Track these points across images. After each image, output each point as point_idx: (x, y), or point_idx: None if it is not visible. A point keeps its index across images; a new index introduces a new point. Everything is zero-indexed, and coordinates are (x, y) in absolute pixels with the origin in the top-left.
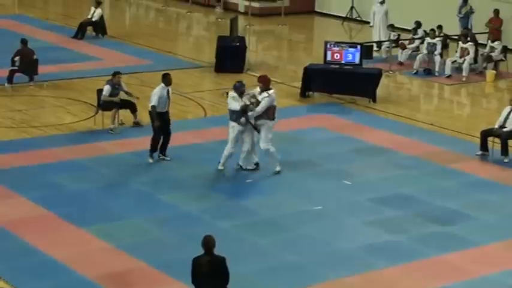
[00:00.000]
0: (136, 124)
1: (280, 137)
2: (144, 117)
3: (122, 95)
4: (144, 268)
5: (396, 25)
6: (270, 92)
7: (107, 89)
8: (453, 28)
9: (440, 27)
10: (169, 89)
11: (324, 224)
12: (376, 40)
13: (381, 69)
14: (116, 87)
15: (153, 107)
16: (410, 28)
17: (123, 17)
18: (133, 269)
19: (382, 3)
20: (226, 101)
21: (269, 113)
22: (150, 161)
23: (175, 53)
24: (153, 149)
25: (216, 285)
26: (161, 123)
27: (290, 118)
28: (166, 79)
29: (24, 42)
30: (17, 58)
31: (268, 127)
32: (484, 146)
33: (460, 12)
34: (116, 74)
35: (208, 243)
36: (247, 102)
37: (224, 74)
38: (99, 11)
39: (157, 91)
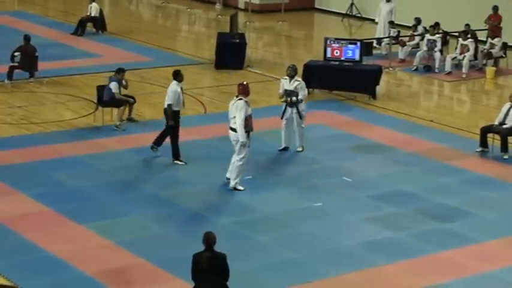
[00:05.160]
0: (130, 120)
1: (280, 134)
2: (145, 112)
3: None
4: (143, 265)
5: (396, 22)
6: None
7: (115, 86)
8: (453, 25)
9: (437, 24)
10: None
11: (324, 221)
12: (379, 37)
13: (380, 66)
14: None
15: (170, 105)
16: (410, 25)
17: (123, 13)
18: (132, 266)
19: (388, 0)
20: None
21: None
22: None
23: (175, 50)
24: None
25: (216, 282)
26: (175, 123)
27: None
28: (179, 75)
29: (27, 38)
30: (17, 53)
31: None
32: (483, 143)
33: None
34: (121, 70)
35: (208, 239)
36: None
37: (224, 71)
38: (95, 5)
39: (173, 88)
